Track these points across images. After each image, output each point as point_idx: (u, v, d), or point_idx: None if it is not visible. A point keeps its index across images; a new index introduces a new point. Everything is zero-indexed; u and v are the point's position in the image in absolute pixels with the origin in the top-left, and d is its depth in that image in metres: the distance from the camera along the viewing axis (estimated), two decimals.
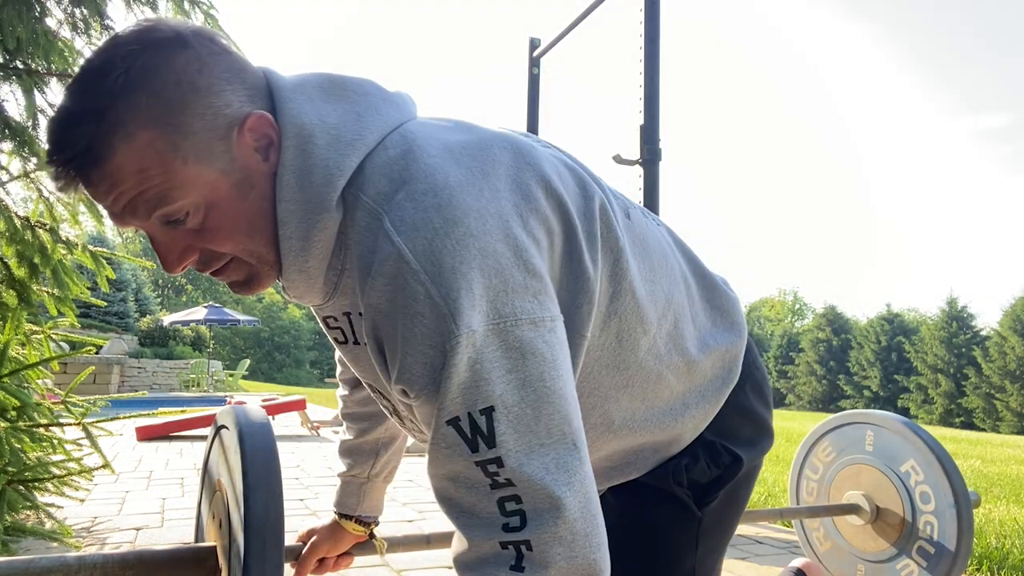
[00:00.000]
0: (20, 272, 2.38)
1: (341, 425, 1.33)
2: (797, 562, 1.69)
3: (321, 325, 0.86)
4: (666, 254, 0.89)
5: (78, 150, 0.65)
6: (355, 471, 1.21)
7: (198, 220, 0.70)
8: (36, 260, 2.38)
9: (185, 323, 17.77)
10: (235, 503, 0.94)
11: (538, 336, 0.66)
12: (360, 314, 0.76)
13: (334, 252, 0.75)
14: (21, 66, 2.31)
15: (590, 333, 0.75)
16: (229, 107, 0.70)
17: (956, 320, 33.48)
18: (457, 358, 0.63)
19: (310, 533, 1.25)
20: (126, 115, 0.65)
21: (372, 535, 1.26)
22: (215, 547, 1.04)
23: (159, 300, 30.50)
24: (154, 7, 2.54)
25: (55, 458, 2.58)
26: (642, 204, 3.71)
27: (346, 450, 1.22)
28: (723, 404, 0.90)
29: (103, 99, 0.65)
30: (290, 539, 1.11)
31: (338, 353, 1.08)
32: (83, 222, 2.74)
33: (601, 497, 0.88)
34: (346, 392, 1.19)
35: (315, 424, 7.16)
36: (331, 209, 0.71)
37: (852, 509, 1.93)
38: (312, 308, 0.84)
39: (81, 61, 2.46)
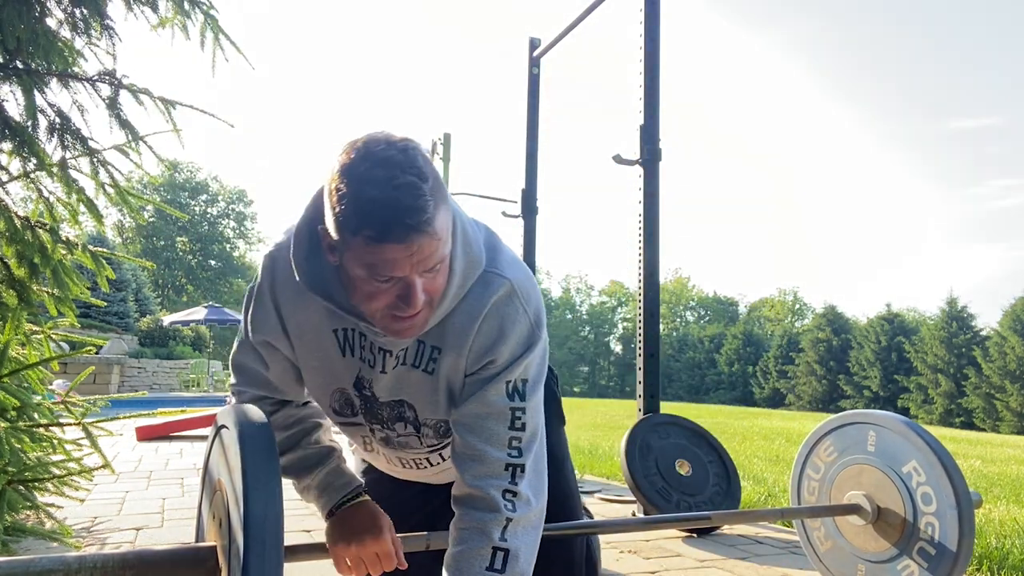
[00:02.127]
0: (20, 272, 2.38)
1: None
2: None
3: (371, 355, 1.13)
4: None
5: (429, 213, 0.92)
6: (333, 444, 1.26)
7: (440, 271, 0.99)
8: (36, 260, 2.38)
9: (185, 323, 17.78)
10: (235, 502, 0.94)
11: None
12: (435, 347, 1.11)
13: None
14: (21, 66, 2.30)
15: None
16: None
17: (956, 320, 33.47)
18: (531, 351, 1.11)
19: (377, 529, 1.15)
20: (442, 196, 0.95)
21: None
22: (215, 547, 1.04)
23: (159, 300, 30.47)
24: (154, 7, 2.53)
25: (55, 458, 2.58)
26: (642, 204, 3.72)
27: (313, 442, 1.25)
28: None
29: (429, 184, 0.93)
30: (291, 539, 1.11)
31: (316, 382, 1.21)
32: (83, 222, 2.74)
33: None
34: (277, 420, 1.25)
35: None
36: (481, 265, 1.09)
37: (853, 509, 1.93)
38: (379, 340, 1.10)
39: (81, 61, 2.46)
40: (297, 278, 1.04)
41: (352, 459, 1.50)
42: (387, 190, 0.89)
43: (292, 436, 1.24)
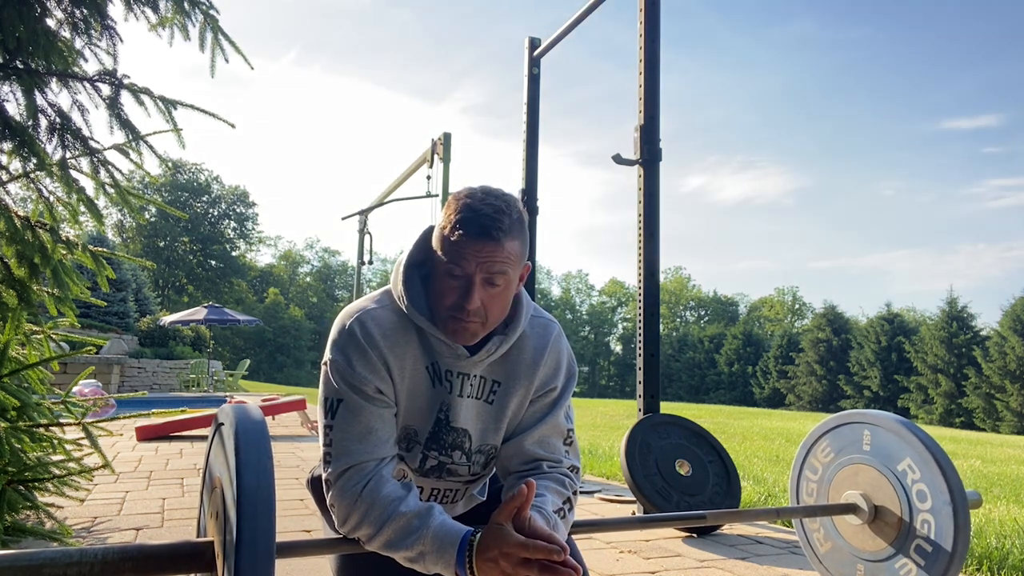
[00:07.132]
0: (20, 272, 2.38)
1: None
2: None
3: (450, 381, 1.31)
4: None
5: (503, 230, 1.20)
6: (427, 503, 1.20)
7: (499, 290, 1.23)
8: (36, 260, 2.38)
9: (185, 323, 17.76)
10: (230, 486, 0.94)
11: None
12: (496, 382, 1.35)
13: None
14: (21, 66, 2.31)
15: None
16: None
17: (956, 320, 33.48)
18: (574, 378, 1.43)
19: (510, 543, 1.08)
20: (519, 232, 1.24)
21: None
22: (212, 542, 1.05)
23: (159, 300, 30.47)
24: (155, 8, 2.54)
25: (55, 458, 2.58)
26: (642, 204, 3.72)
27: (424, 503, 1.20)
28: None
29: (512, 216, 1.23)
30: (291, 538, 1.10)
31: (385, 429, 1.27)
32: (83, 222, 2.74)
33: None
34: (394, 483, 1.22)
35: (314, 424, 7.16)
36: (531, 309, 1.39)
37: (850, 509, 1.92)
38: (449, 364, 1.30)
39: (81, 61, 2.46)
40: (405, 303, 1.27)
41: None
42: (480, 206, 1.20)
43: (402, 501, 1.18)
